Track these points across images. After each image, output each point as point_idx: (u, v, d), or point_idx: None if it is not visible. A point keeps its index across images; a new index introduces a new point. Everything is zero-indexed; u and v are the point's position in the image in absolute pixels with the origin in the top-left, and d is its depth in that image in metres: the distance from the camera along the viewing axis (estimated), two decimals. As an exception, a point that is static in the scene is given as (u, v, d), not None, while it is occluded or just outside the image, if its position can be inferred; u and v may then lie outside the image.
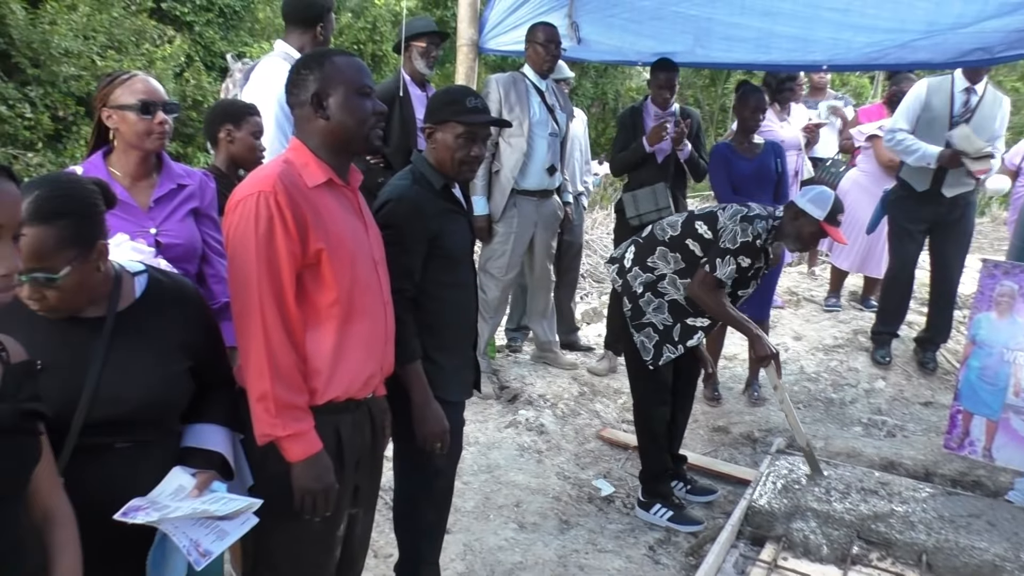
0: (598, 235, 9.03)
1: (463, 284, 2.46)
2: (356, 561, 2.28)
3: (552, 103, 4.70)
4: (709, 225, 3.31)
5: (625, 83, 16.79)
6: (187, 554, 1.55)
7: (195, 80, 9.98)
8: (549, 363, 5.35)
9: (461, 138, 2.32)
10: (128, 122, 2.27)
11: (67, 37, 8.16)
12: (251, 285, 1.78)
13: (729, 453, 4.33)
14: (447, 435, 2.34)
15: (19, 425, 1.26)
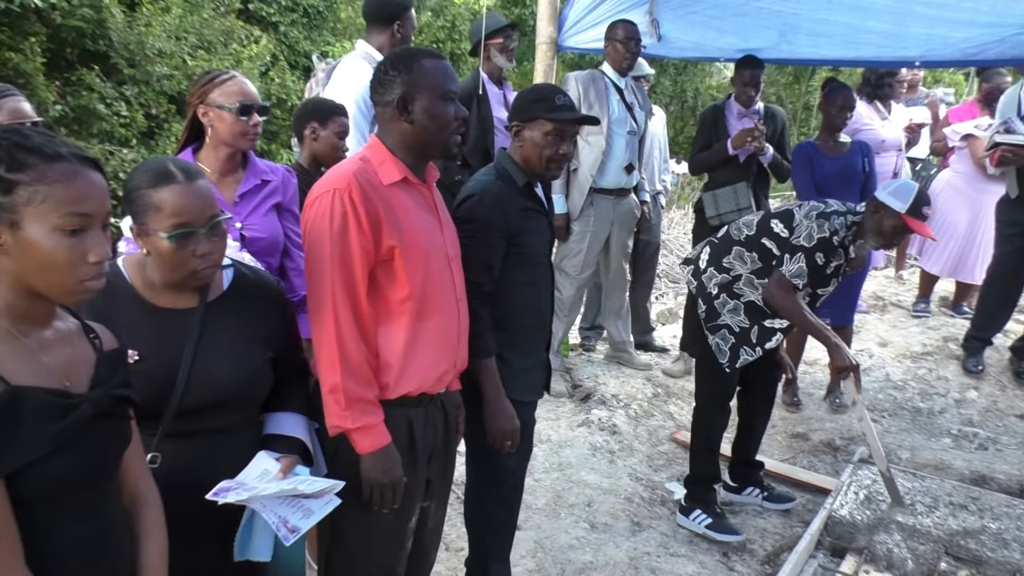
0: (675, 235, 8.92)
1: (538, 284, 2.45)
2: (428, 554, 2.30)
3: (631, 101, 4.65)
4: (785, 223, 3.20)
5: (704, 81, 16.52)
6: (276, 530, 1.62)
7: (279, 79, 10.25)
8: (623, 363, 5.31)
9: (550, 136, 2.31)
10: (225, 122, 2.35)
11: (160, 38, 8.49)
12: (325, 280, 1.82)
13: (808, 461, 4.20)
14: (517, 433, 2.34)
15: (111, 410, 1.31)
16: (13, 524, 1.14)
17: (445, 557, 3.16)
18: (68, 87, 7.80)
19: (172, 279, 1.64)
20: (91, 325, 1.38)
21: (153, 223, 1.58)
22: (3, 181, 1.14)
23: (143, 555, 1.40)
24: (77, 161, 1.21)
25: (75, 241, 1.18)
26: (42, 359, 1.23)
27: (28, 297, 1.22)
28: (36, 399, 1.17)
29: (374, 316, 1.90)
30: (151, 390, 1.55)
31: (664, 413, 4.73)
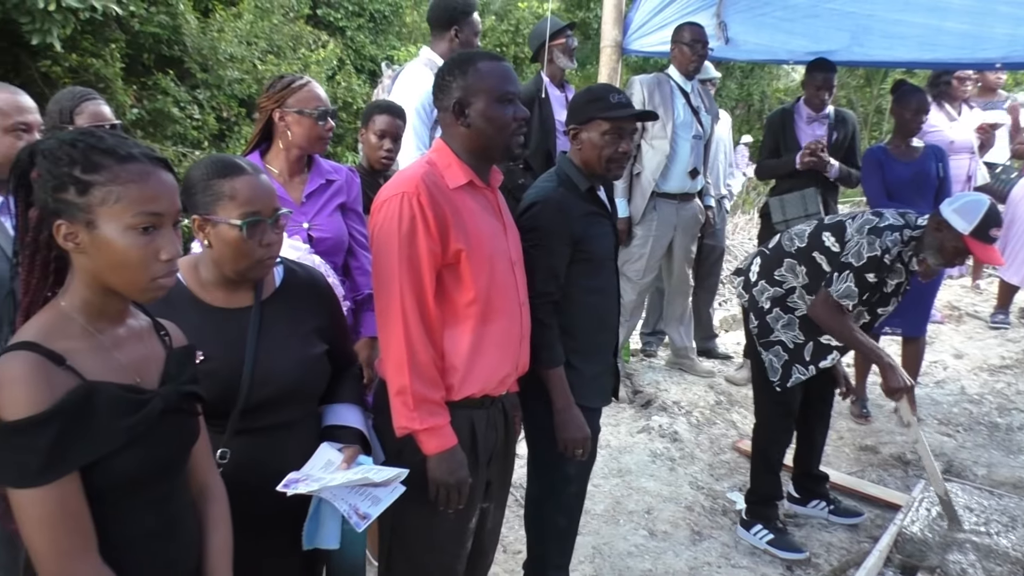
0: (740, 240, 8.77)
1: (605, 289, 2.42)
2: (487, 554, 2.31)
3: (697, 105, 4.59)
4: (837, 237, 3.01)
5: (772, 84, 16.22)
6: (348, 517, 1.65)
7: (345, 83, 10.41)
8: (685, 370, 5.24)
9: (608, 135, 2.29)
10: (303, 126, 2.39)
11: (232, 43, 8.72)
12: (393, 283, 1.84)
13: (877, 475, 4.07)
14: (588, 442, 2.32)
15: (180, 406, 1.34)
16: (88, 515, 1.18)
17: (503, 559, 3.16)
18: (144, 91, 8.07)
19: (235, 270, 1.66)
20: (162, 323, 1.41)
21: (223, 212, 1.61)
22: (79, 182, 1.18)
23: (209, 547, 1.42)
24: (148, 161, 1.24)
25: (148, 239, 1.21)
26: (116, 355, 1.27)
27: (103, 295, 1.25)
28: (110, 394, 1.20)
29: (440, 319, 1.92)
30: (216, 389, 1.58)
31: (727, 421, 4.65)
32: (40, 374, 1.13)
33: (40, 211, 1.21)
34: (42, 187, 1.19)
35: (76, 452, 1.15)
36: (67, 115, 2.58)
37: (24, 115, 2.14)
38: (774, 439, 3.34)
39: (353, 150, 10.01)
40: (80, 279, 1.24)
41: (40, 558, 1.14)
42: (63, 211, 1.18)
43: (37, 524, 1.13)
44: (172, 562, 1.34)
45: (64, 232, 1.19)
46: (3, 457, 1.13)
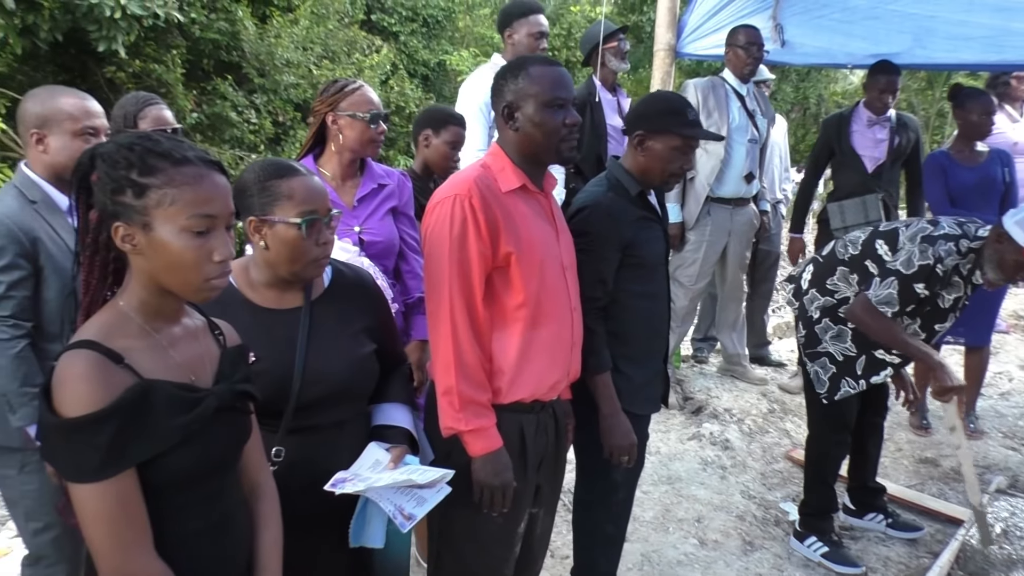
0: (794, 246, 8.60)
1: (655, 294, 2.39)
2: (536, 560, 2.30)
3: (752, 108, 4.53)
4: (890, 244, 2.86)
5: (829, 87, 15.91)
6: (393, 518, 1.66)
7: (398, 87, 10.53)
8: (737, 377, 5.17)
9: (676, 150, 2.26)
10: (355, 129, 2.42)
11: (288, 49, 8.89)
12: (443, 284, 1.84)
13: (938, 488, 3.95)
14: (634, 449, 2.29)
15: (234, 404, 1.36)
16: (144, 511, 1.20)
17: (550, 564, 3.15)
18: (204, 96, 8.26)
19: (291, 270, 1.69)
20: (216, 322, 1.44)
21: (281, 212, 1.64)
22: (136, 185, 1.20)
23: (259, 544, 1.44)
24: (203, 164, 1.26)
25: (202, 241, 1.23)
26: (171, 354, 1.29)
27: (160, 295, 1.28)
28: (166, 392, 1.22)
29: (489, 321, 1.92)
30: (268, 388, 1.61)
31: (780, 430, 4.57)
32: (100, 372, 1.16)
33: (100, 213, 1.24)
34: (101, 190, 1.22)
35: (134, 449, 1.18)
36: (131, 119, 2.65)
37: (92, 119, 2.20)
38: (829, 452, 3.24)
39: (405, 154, 10.10)
40: (137, 280, 1.26)
41: (99, 551, 1.17)
42: (121, 213, 1.21)
43: (96, 518, 1.16)
44: (224, 558, 1.36)
45: (122, 234, 1.22)
46: (64, 453, 1.16)
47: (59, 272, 2.13)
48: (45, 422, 1.16)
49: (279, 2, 9.62)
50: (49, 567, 2.26)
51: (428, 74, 12.19)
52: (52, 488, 2.17)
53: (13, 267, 2.06)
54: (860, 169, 4.49)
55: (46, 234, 2.12)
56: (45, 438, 1.17)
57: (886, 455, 4.16)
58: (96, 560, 1.18)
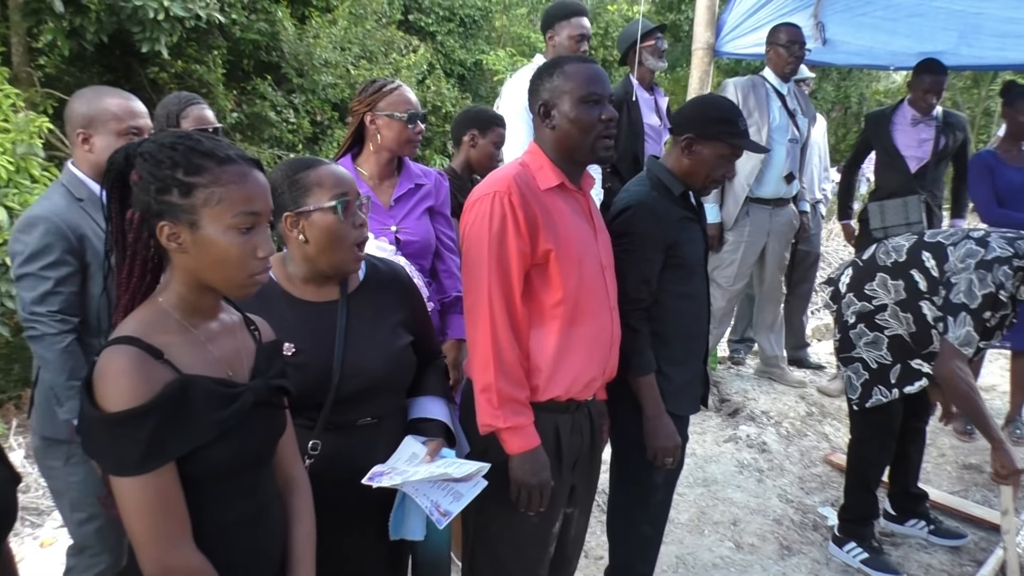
0: (835, 246, 8.51)
1: (696, 295, 2.37)
2: (570, 560, 2.29)
3: (793, 107, 4.47)
4: (937, 260, 2.78)
5: (871, 86, 15.62)
6: (429, 514, 1.66)
7: (435, 87, 10.55)
8: (774, 379, 5.10)
9: (724, 158, 2.25)
10: (393, 129, 2.43)
11: (327, 49, 8.95)
12: (482, 281, 1.85)
13: (982, 495, 3.87)
14: (679, 450, 2.28)
15: (269, 399, 1.38)
16: (184, 503, 1.22)
17: (584, 564, 3.14)
18: (243, 96, 8.36)
19: (331, 261, 1.70)
20: (251, 318, 1.46)
21: (314, 200, 1.66)
22: (183, 184, 1.22)
23: (293, 537, 1.46)
24: (244, 163, 1.28)
25: (247, 238, 1.25)
26: (209, 349, 1.31)
27: (199, 291, 1.30)
28: (204, 387, 1.24)
29: (527, 319, 1.92)
30: (309, 381, 1.63)
31: (818, 433, 4.50)
32: (140, 367, 1.18)
33: (142, 212, 1.25)
34: (144, 189, 1.23)
35: (173, 443, 1.19)
36: (174, 119, 2.70)
37: (136, 120, 2.24)
38: (872, 458, 3.17)
39: (441, 153, 10.13)
40: (178, 277, 1.28)
41: (139, 543, 1.19)
42: (166, 212, 1.22)
43: (137, 510, 1.18)
44: (259, 550, 1.37)
45: (167, 232, 1.23)
46: (105, 446, 1.18)
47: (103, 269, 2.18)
48: (87, 416, 1.18)
49: (318, 3, 9.69)
50: (93, 557, 2.30)
51: (464, 74, 12.20)
52: (96, 480, 2.20)
53: (61, 263, 2.10)
54: (903, 169, 4.41)
55: (92, 231, 2.16)
56: (87, 432, 1.20)
57: (929, 460, 4.08)
58: (137, 551, 1.20)
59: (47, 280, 2.08)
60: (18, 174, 4.08)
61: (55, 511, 3.39)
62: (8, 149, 4.09)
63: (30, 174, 4.16)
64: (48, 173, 4.35)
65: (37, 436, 2.26)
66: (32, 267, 2.08)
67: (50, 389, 2.14)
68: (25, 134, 4.21)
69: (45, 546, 3.28)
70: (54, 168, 4.43)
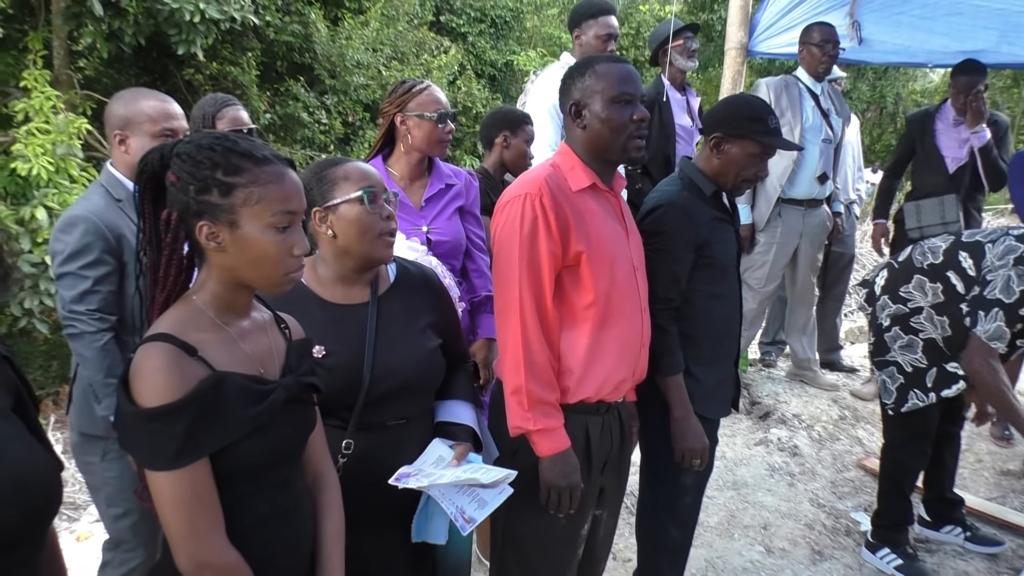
0: (868, 248, 8.34)
1: (728, 296, 2.35)
2: (599, 562, 2.29)
3: (827, 107, 4.42)
4: (974, 259, 2.73)
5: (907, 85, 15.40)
6: (454, 520, 1.67)
7: (466, 87, 10.59)
8: (806, 382, 5.05)
9: (754, 157, 2.23)
10: (423, 129, 2.45)
11: (359, 50, 9.03)
12: (513, 282, 1.85)
13: (1020, 501, 3.79)
14: (707, 452, 2.26)
15: (300, 395, 1.39)
16: (217, 498, 1.24)
17: (612, 567, 3.12)
18: (277, 97, 8.46)
19: (361, 252, 1.71)
20: (282, 316, 1.48)
21: (341, 193, 1.68)
22: (223, 184, 1.24)
23: (322, 533, 1.47)
24: (280, 163, 1.30)
25: (283, 236, 1.27)
26: (241, 347, 1.33)
27: (234, 290, 1.32)
28: (237, 384, 1.26)
29: (558, 320, 1.91)
30: (339, 382, 1.64)
31: (851, 438, 4.44)
32: (175, 364, 1.20)
33: (180, 212, 1.27)
34: (182, 190, 1.25)
35: (207, 438, 1.21)
36: (210, 120, 2.73)
37: (171, 122, 2.28)
38: (907, 462, 3.12)
39: (472, 154, 10.16)
40: (214, 275, 1.30)
41: (174, 537, 1.21)
42: (206, 212, 1.24)
43: (171, 505, 1.20)
44: (290, 545, 1.39)
45: (206, 232, 1.25)
46: (141, 441, 1.20)
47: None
48: (123, 411, 1.20)
49: (350, 4, 9.78)
50: (128, 551, 2.34)
51: (495, 74, 12.23)
52: (132, 475, 2.25)
53: (100, 263, 2.14)
54: (941, 169, 4.34)
55: (130, 231, 2.20)
56: (123, 427, 1.22)
57: (965, 466, 4.01)
58: (172, 546, 1.22)
59: (86, 279, 2.12)
60: (57, 174, 4.17)
61: (91, 506, 3.46)
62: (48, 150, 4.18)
63: (69, 174, 4.25)
64: (86, 174, 4.44)
65: (75, 432, 2.30)
66: (72, 266, 2.12)
67: (88, 386, 2.18)
68: (65, 135, 4.30)
69: (81, 540, 3.34)
70: (92, 168, 4.52)
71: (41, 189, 4.18)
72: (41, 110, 4.55)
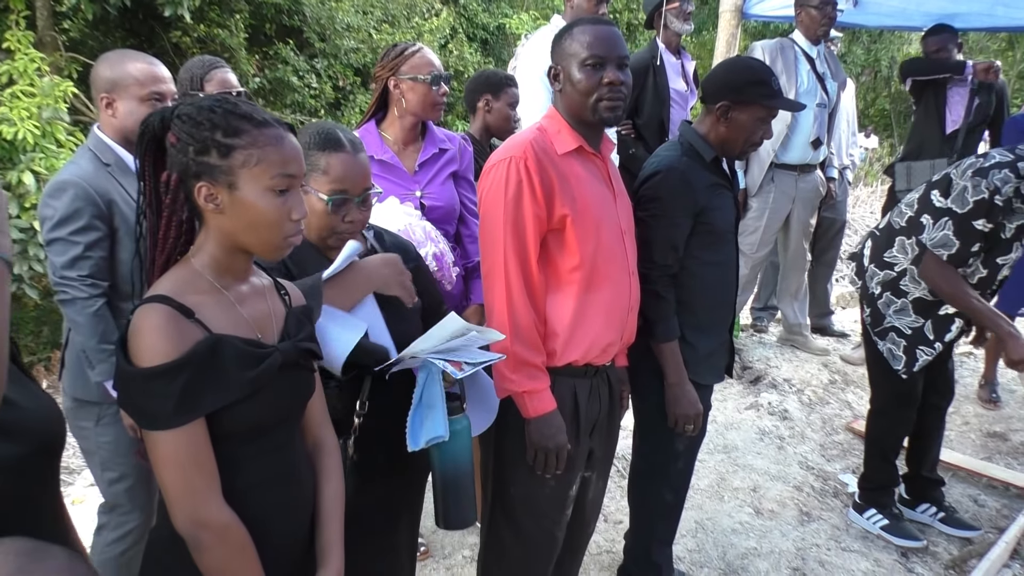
0: (860, 213, 8.41)
1: (725, 262, 2.35)
2: (588, 523, 2.32)
3: (823, 71, 4.39)
4: (942, 190, 2.69)
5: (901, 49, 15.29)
6: (443, 367, 1.62)
7: (457, 51, 10.47)
8: (797, 347, 5.09)
9: (761, 121, 2.21)
10: (417, 92, 2.42)
11: (349, 13, 8.89)
12: (498, 246, 1.85)
13: (1006, 463, 3.85)
14: (700, 418, 2.28)
15: (298, 361, 1.40)
16: (213, 460, 1.25)
17: (603, 528, 3.17)
18: (266, 60, 8.35)
19: (317, 236, 1.71)
20: (282, 283, 1.47)
21: (314, 183, 1.66)
22: (222, 146, 1.23)
23: (322, 496, 1.49)
24: (280, 127, 1.29)
25: (282, 200, 1.27)
26: (239, 310, 1.33)
27: (232, 253, 1.32)
28: (234, 347, 1.26)
29: (544, 284, 1.92)
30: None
31: (841, 401, 4.49)
32: (172, 325, 1.20)
33: (180, 174, 1.26)
34: (182, 151, 1.25)
35: (204, 399, 1.22)
36: (197, 82, 2.70)
37: (159, 85, 2.24)
38: (892, 428, 3.13)
39: (464, 119, 10.08)
40: (212, 238, 1.30)
41: (171, 496, 1.22)
42: (205, 173, 1.24)
43: (168, 464, 1.21)
44: (289, 508, 1.40)
45: (205, 193, 1.25)
46: (139, 401, 1.21)
47: (133, 234, 2.19)
48: (122, 372, 1.21)
49: (340, -35, 9.62)
50: (123, 515, 2.36)
51: (487, 38, 12.08)
52: (126, 440, 2.26)
53: (90, 228, 2.12)
54: (936, 129, 4.33)
55: (120, 196, 2.18)
56: (122, 388, 1.23)
57: (952, 428, 4.07)
58: (169, 505, 1.23)
59: (77, 245, 2.11)
60: (44, 139, 4.12)
61: (85, 470, 3.47)
62: (34, 114, 4.12)
63: (56, 139, 4.20)
64: (73, 138, 4.38)
65: (68, 397, 2.30)
66: (62, 232, 2.11)
67: (81, 352, 2.17)
68: (50, 98, 4.24)
69: (76, 504, 3.36)
70: (80, 133, 4.46)
71: (27, 153, 4.13)
72: (25, 72, 4.47)
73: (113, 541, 2.35)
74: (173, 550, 1.26)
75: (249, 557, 1.27)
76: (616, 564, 2.77)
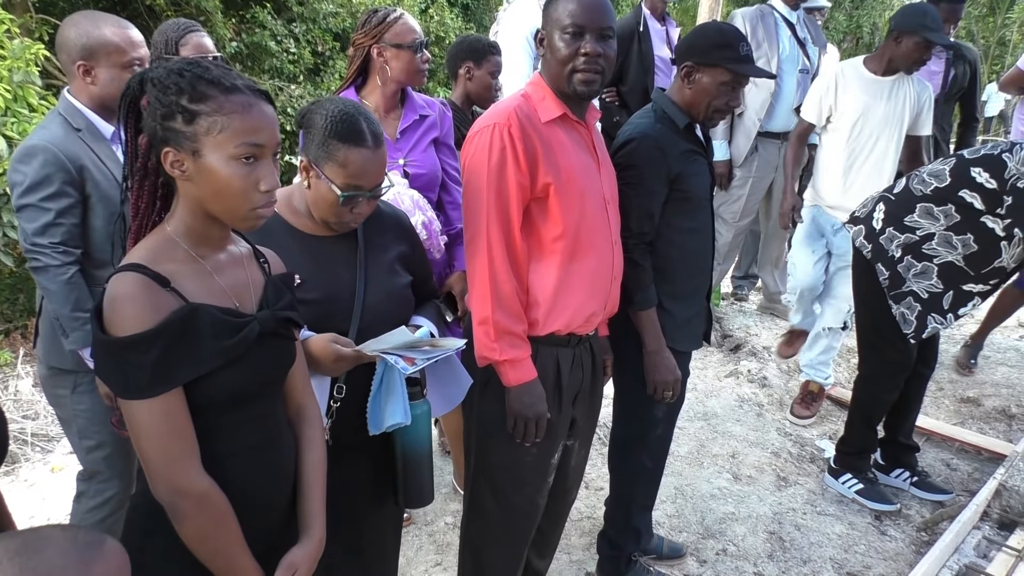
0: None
1: (701, 229, 2.35)
2: (570, 491, 2.34)
3: (804, 36, 4.37)
4: (991, 172, 2.66)
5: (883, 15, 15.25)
6: (395, 363, 1.61)
7: (438, 17, 10.30)
8: (777, 315, 5.12)
9: (725, 85, 2.18)
10: (403, 60, 2.39)
11: (328, -25, 8.71)
12: (480, 213, 1.84)
13: (978, 428, 3.92)
14: (678, 384, 2.30)
15: (277, 330, 1.38)
16: (192, 428, 1.24)
17: (585, 495, 3.20)
18: (243, 24, 8.18)
19: (322, 218, 1.69)
20: (261, 250, 1.46)
21: (330, 173, 1.61)
22: (186, 111, 1.20)
23: (304, 465, 1.49)
24: (252, 93, 1.25)
25: (249, 170, 1.24)
26: (216, 279, 1.31)
27: (204, 221, 1.29)
28: (211, 316, 1.25)
29: (527, 252, 1.91)
30: (312, 314, 1.63)
31: (818, 369, 4.53)
32: (147, 294, 1.19)
33: (149, 138, 1.24)
34: (151, 115, 1.22)
35: (180, 369, 1.21)
36: (172, 46, 2.64)
37: (138, 50, 2.19)
38: (879, 395, 3.16)
39: (445, 86, 9.97)
40: (184, 205, 1.28)
41: (150, 464, 1.22)
42: (170, 139, 1.22)
43: (146, 433, 1.20)
44: (270, 476, 1.40)
45: (171, 159, 1.23)
46: (114, 370, 1.20)
47: (105, 200, 2.16)
48: (97, 341, 1.20)
49: (318, -75, 9.41)
50: (103, 482, 2.35)
51: (468, 3, 11.92)
52: (103, 408, 2.24)
53: (61, 195, 2.08)
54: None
55: (92, 162, 2.14)
56: (98, 357, 1.21)
57: (927, 393, 4.10)
58: (148, 473, 1.23)
59: (48, 211, 2.07)
60: (16, 103, 4.03)
61: (64, 438, 3.46)
62: (5, 77, 4.02)
63: (28, 103, 4.10)
64: (46, 102, 4.29)
65: (44, 365, 2.28)
66: (32, 198, 2.07)
67: (55, 320, 2.14)
68: (21, 61, 4.14)
69: (55, 471, 3.35)
70: (52, 97, 4.36)
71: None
72: (-6, 35, 4.36)
73: (92, 508, 2.35)
74: (155, 516, 1.26)
75: (229, 525, 1.27)
76: (597, 530, 2.81)
